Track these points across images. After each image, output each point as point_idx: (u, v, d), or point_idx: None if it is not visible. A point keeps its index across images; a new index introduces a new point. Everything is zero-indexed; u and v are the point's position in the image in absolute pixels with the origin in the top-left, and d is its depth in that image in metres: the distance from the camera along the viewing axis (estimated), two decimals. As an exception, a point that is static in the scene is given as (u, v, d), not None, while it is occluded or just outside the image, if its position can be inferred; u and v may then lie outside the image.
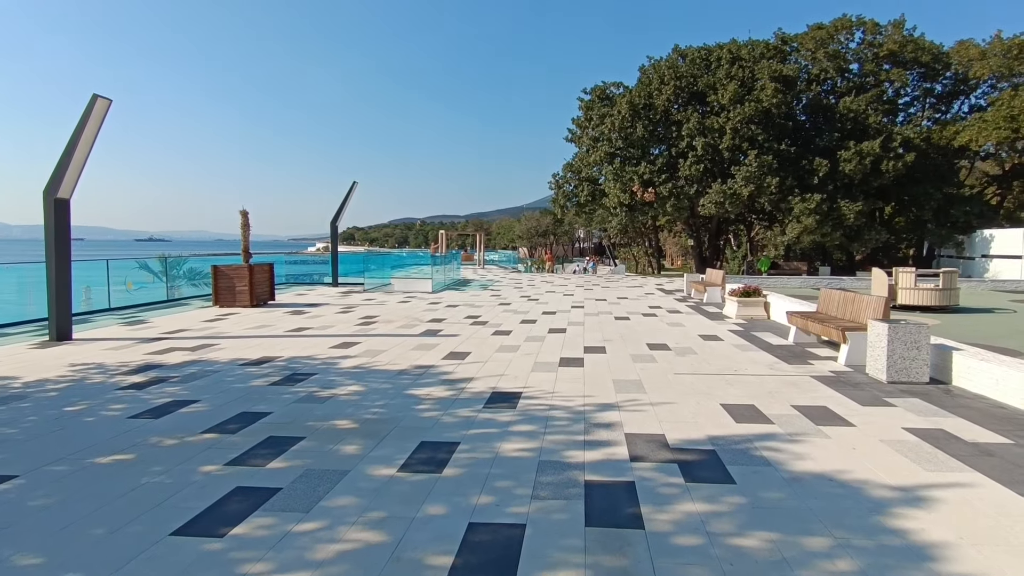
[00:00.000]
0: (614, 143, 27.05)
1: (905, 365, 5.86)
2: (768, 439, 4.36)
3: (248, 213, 14.67)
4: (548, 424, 4.79)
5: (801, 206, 23.14)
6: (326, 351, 8.13)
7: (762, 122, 24.54)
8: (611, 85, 28.95)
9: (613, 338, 9.26)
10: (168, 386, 6.15)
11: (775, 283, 18.64)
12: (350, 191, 21.38)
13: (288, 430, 4.67)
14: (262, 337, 9.35)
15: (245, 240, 14.68)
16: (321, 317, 11.95)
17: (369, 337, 9.37)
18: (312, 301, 15.29)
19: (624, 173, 26.25)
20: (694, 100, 26.68)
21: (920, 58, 27.72)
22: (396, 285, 21.15)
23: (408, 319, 11.67)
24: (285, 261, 30.18)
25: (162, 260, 21.71)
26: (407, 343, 8.81)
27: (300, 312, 12.84)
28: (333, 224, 21.40)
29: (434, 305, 14.39)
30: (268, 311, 13.08)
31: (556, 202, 30.99)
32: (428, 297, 16.58)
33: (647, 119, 26.32)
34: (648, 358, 7.61)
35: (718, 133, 24.79)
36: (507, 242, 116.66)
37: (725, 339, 9.13)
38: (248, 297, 14.04)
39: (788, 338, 8.83)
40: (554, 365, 7.18)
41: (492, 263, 47.87)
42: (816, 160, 23.92)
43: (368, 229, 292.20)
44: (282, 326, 10.63)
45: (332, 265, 21.49)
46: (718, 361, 7.40)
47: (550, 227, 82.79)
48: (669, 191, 25.43)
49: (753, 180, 23.49)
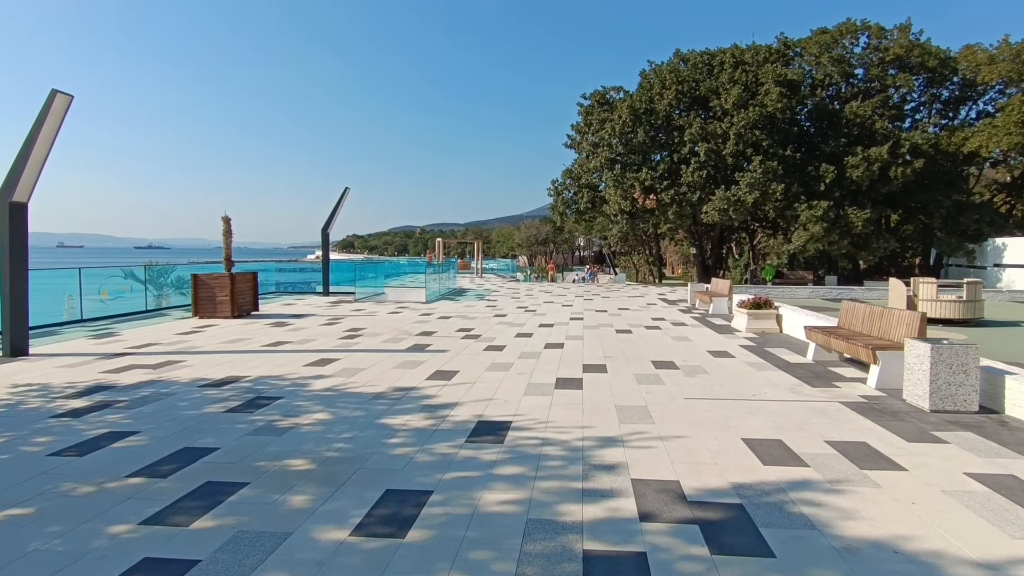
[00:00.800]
0: (614, 149, 26.41)
1: (951, 391, 5.12)
2: (805, 488, 3.62)
3: (231, 219, 14.00)
4: (540, 465, 4.05)
5: (808, 213, 22.44)
6: (299, 369, 7.38)
7: (766, 127, 23.90)
8: (611, 90, 28.36)
9: (615, 354, 8.52)
10: (111, 413, 5.41)
11: (782, 293, 17.92)
12: (342, 197, 20.71)
13: (231, 472, 3.93)
14: (235, 353, 8.61)
15: (227, 248, 13.99)
16: (304, 330, 11.21)
17: (350, 353, 8.62)
18: (298, 311, 14.56)
19: (625, 179, 25.59)
20: (696, 105, 26.07)
21: (927, 63, 27.14)
22: (389, 295, 20.46)
23: (396, 332, 10.93)
24: (277, 269, 29.52)
25: (149, 268, 21.03)
26: (390, 360, 8.07)
27: (283, 324, 12.10)
28: (324, 231, 20.70)
29: (426, 316, 13.65)
30: (249, 323, 12.34)
31: (555, 209, 30.31)
32: (421, 308, 15.85)
33: (648, 124, 25.69)
34: (654, 379, 6.87)
35: (721, 138, 24.15)
36: (507, 250, 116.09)
37: (737, 356, 8.38)
38: (229, 308, 13.32)
39: (807, 355, 8.08)
40: (549, 387, 6.44)
41: (491, 271, 47.16)
42: (822, 166, 23.25)
43: (368, 237, 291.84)
44: (260, 340, 9.89)
45: (323, 274, 20.76)
46: (732, 383, 6.66)
47: (550, 235, 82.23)
48: (671, 198, 24.76)
49: (758, 187, 22.82)
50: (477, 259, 38.02)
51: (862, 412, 5.33)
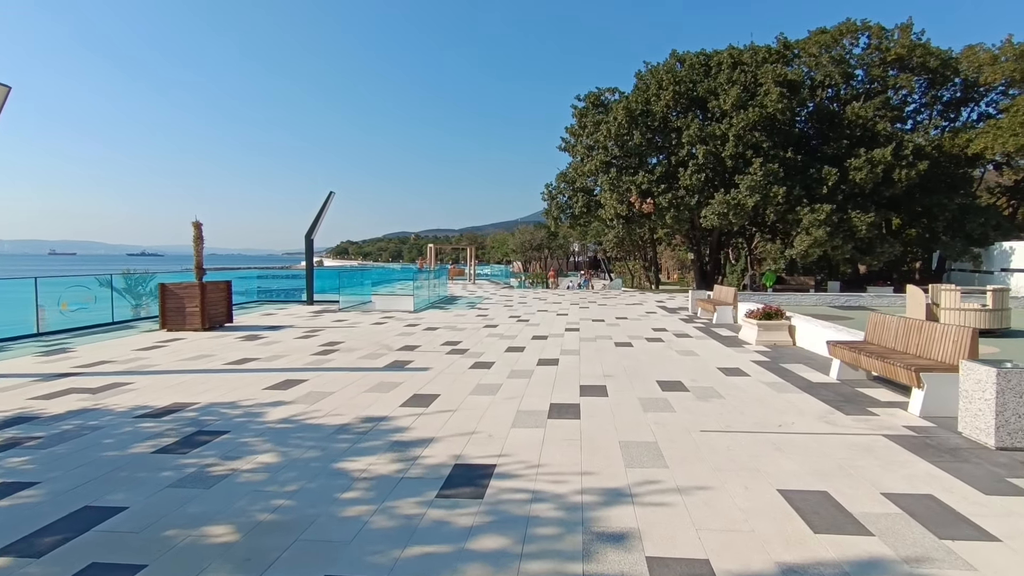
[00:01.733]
0: (610, 151, 25.64)
1: (1022, 425, 4.28)
2: (879, 573, 2.75)
3: (201, 225, 13.07)
4: (528, 534, 3.17)
5: (810, 217, 21.70)
6: (257, 394, 6.48)
7: (767, 129, 23.18)
8: (606, 91, 27.61)
9: (615, 372, 7.66)
10: (16, 454, 4.50)
11: (787, 301, 17.12)
12: (326, 202, 19.84)
13: (127, 549, 3.03)
14: (191, 373, 7.69)
15: (197, 255, 13.05)
16: (276, 344, 10.30)
17: (321, 373, 7.73)
18: (276, 323, 13.64)
19: (621, 183, 24.81)
20: (694, 106, 25.35)
21: (928, 63, 26.54)
22: (377, 303, 19.56)
23: (376, 346, 10.03)
24: (258, 276, 28.49)
25: (127, 276, 20.06)
26: (364, 381, 7.17)
27: (255, 337, 11.18)
28: (308, 238, 19.79)
29: (411, 327, 12.76)
30: (219, 336, 11.42)
31: (549, 213, 29.48)
32: (407, 317, 14.96)
33: (645, 126, 24.94)
34: (662, 404, 6.01)
35: (720, 140, 23.41)
36: (501, 256, 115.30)
37: (752, 374, 7.53)
38: (199, 319, 12.40)
39: (830, 374, 7.24)
40: (542, 416, 5.56)
41: (484, 277, 46.30)
42: (824, 169, 22.54)
43: (362, 243, 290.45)
44: (225, 356, 8.97)
45: (307, 282, 19.84)
46: (752, 409, 5.80)
47: (544, 241, 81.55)
48: (669, 201, 23.99)
49: (758, 190, 22.07)
50: (470, 265, 37.15)
51: (914, 450, 4.48)
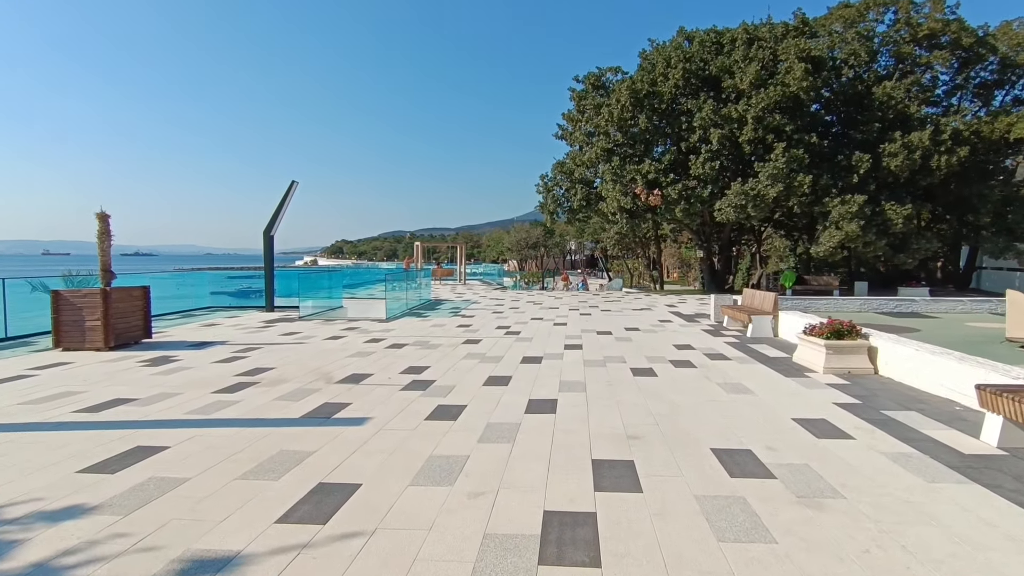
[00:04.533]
0: (612, 138, 23.03)
1: None
2: None
3: (108, 217, 10.44)
4: None
5: (841, 209, 19.15)
6: (52, 485, 3.87)
7: (789, 110, 20.63)
8: (608, 71, 24.94)
9: (643, 431, 5.07)
10: None
11: (826, 306, 14.60)
12: (287, 193, 17.22)
13: None
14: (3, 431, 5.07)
15: (103, 254, 10.42)
16: (183, 372, 7.69)
17: (199, 431, 5.12)
18: (209, 338, 11.02)
19: (624, 172, 22.23)
20: (707, 86, 22.76)
21: (961, 41, 24.02)
22: (349, 308, 16.99)
23: (312, 375, 7.44)
24: (229, 277, 25.87)
25: (67, 279, 17.43)
26: (253, 450, 4.57)
27: (165, 360, 8.57)
28: (267, 234, 17.14)
29: (373, 344, 10.17)
30: (119, 359, 8.80)
31: (545, 208, 26.82)
32: (375, 329, 12.37)
33: (651, 109, 22.35)
34: (742, 517, 3.41)
35: (737, 123, 20.83)
36: (496, 255, 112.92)
37: (855, 434, 4.94)
38: (102, 335, 9.79)
39: (983, 435, 4.66)
40: (530, 545, 2.96)
41: (476, 277, 43.68)
42: (855, 155, 19.98)
43: (357, 242, 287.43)
44: (93, 395, 6.37)
45: (266, 285, 17.21)
46: (906, 526, 3.22)
47: (540, 239, 79.07)
48: (679, 193, 21.40)
49: (781, 178, 19.51)
50: (460, 264, 34.54)
51: None
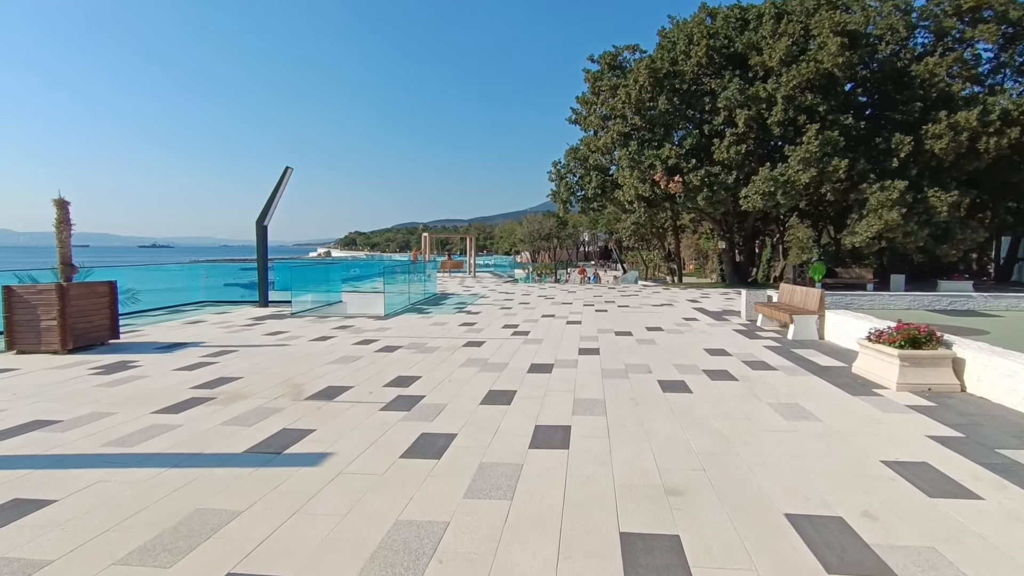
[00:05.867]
0: (629, 121, 21.57)
1: None
2: None
3: (68, 204, 9.34)
4: None
5: (880, 196, 17.58)
6: None
7: (822, 89, 19.03)
8: (625, 49, 23.39)
9: (685, 478, 3.80)
10: None
11: (869, 303, 13.17)
12: (281, 180, 16.06)
13: None
14: None
15: (63, 245, 9.33)
16: (129, 384, 6.57)
17: (107, 474, 3.94)
18: (184, 338, 9.93)
19: (643, 158, 20.78)
20: (732, 64, 21.19)
21: (1008, 14, 22.15)
22: (348, 303, 15.99)
23: (279, 389, 6.26)
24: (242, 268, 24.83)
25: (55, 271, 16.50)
26: (161, 508, 3.38)
27: (120, 368, 7.46)
28: (260, 224, 16.00)
29: (362, 346, 9.00)
30: (67, 366, 7.71)
31: (558, 196, 25.40)
32: (369, 327, 11.20)
33: (672, 89, 20.85)
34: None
35: (765, 104, 19.28)
36: (509, 246, 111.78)
37: (982, 492, 3.61)
38: (59, 336, 8.72)
39: None
40: None
41: (487, 269, 42.50)
42: (895, 137, 18.37)
43: (370, 234, 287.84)
44: (8, 416, 5.24)
45: (259, 279, 16.13)
46: None
47: (553, 230, 77.61)
48: (701, 179, 19.93)
49: (814, 163, 17.97)
50: (470, 256, 33.31)
51: None
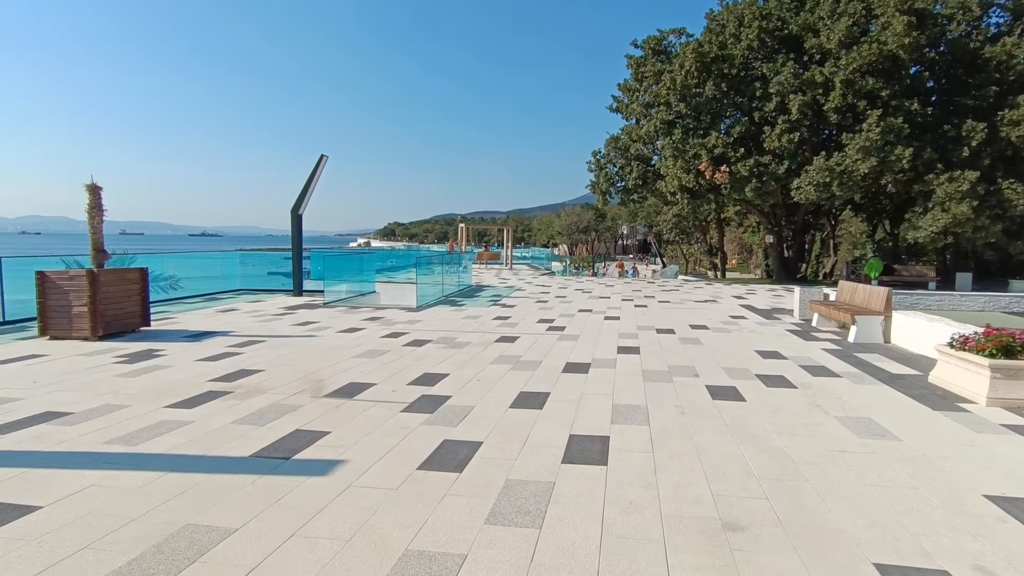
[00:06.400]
0: (674, 108, 20.64)
1: None
2: None
3: (100, 190, 9.26)
4: None
5: (948, 188, 16.25)
6: None
7: (885, 72, 17.71)
8: (670, 33, 22.38)
9: (745, 509, 3.22)
10: None
11: (937, 304, 12.12)
12: (316, 169, 15.93)
13: None
14: None
15: (95, 232, 9.27)
16: (150, 374, 6.37)
17: (103, 476, 3.63)
18: (213, 327, 9.81)
19: (687, 147, 19.84)
20: (786, 47, 20.00)
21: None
22: (381, 294, 15.82)
23: (299, 384, 5.94)
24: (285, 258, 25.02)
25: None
26: (149, 521, 3.01)
27: (145, 356, 7.32)
28: (295, 213, 15.93)
29: (390, 339, 8.66)
30: (94, 353, 7.61)
31: (597, 187, 24.59)
32: (400, 319, 10.89)
33: (720, 75, 19.81)
34: None
35: (821, 89, 18.09)
36: (547, 239, 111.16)
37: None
38: (89, 323, 8.66)
39: None
40: None
41: (524, 261, 42.04)
42: (966, 124, 16.94)
43: (409, 225, 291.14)
44: (9, 410, 5.06)
45: (294, 269, 16.08)
46: None
47: (591, 223, 76.51)
48: (750, 169, 18.89)
49: (874, 151, 16.75)
50: (507, 247, 32.87)
51: None
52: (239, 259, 23.63)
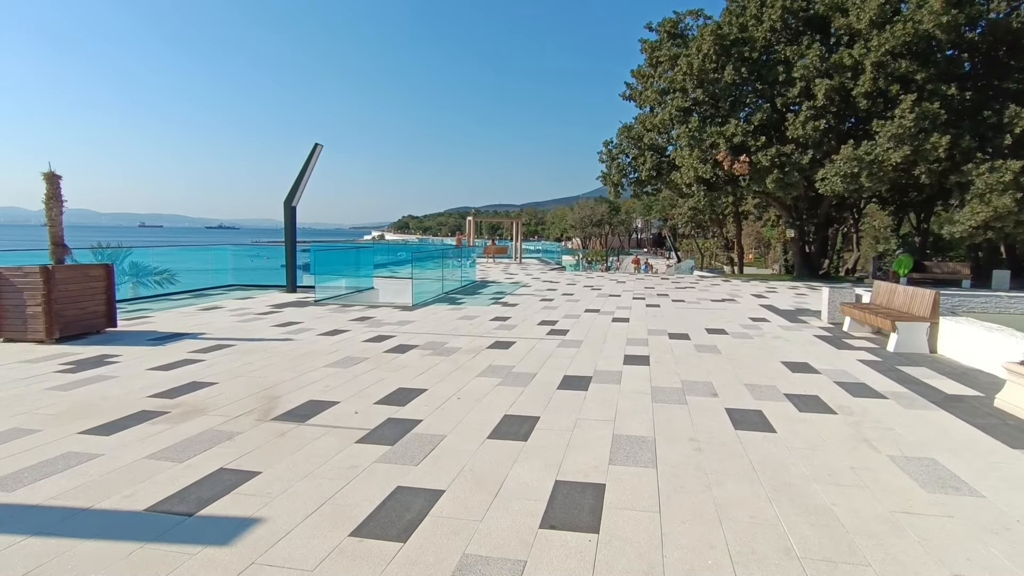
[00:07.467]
0: (690, 94, 19.48)
1: None
2: None
3: (59, 179, 8.51)
4: None
5: (989, 179, 14.96)
6: None
7: (920, 55, 16.41)
8: (687, 15, 21.14)
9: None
10: None
11: (981, 306, 11.00)
12: (310, 158, 15.12)
13: None
14: None
15: (53, 223, 8.53)
16: (86, 387, 5.58)
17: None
18: (186, 328, 9.02)
19: (705, 136, 18.71)
20: (811, 28, 18.73)
21: None
22: (380, 290, 15.15)
23: (250, 402, 5.10)
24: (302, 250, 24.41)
25: (96, 251, 16.37)
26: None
27: (93, 364, 6.54)
28: (288, 205, 15.14)
29: (373, 345, 7.81)
30: (40, 359, 6.85)
31: (609, 178, 23.49)
32: (390, 320, 10.04)
33: (740, 58, 18.60)
34: None
35: (851, 72, 16.82)
36: (560, 232, 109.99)
37: None
38: (44, 324, 7.92)
39: None
40: None
41: (534, 255, 41.07)
42: (1010, 109, 15.61)
43: (423, 218, 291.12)
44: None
45: (287, 263, 15.31)
46: None
47: (605, 216, 75.28)
48: (771, 159, 17.71)
49: (907, 139, 15.50)
50: (516, 241, 31.93)
51: None
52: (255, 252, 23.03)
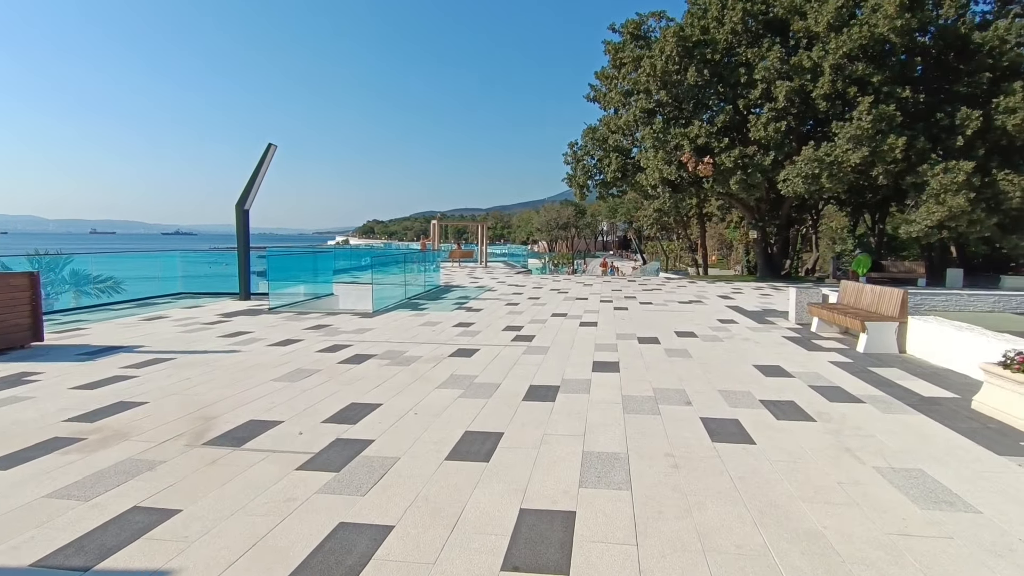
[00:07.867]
0: (654, 96, 19.47)
1: None
2: None
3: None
4: None
5: (943, 179, 15.32)
6: None
7: (876, 58, 16.74)
8: (650, 16, 21.18)
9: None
10: None
11: (943, 304, 11.12)
12: (263, 159, 14.39)
13: None
14: None
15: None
16: (10, 405, 4.92)
17: None
18: (122, 341, 8.31)
19: (669, 137, 18.70)
20: (771, 31, 18.94)
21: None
22: (340, 296, 14.50)
23: (180, 425, 4.55)
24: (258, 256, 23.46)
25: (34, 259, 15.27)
26: None
27: (11, 383, 5.82)
28: (240, 208, 14.37)
29: (327, 355, 7.29)
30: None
31: (574, 180, 23.34)
32: (348, 328, 9.50)
33: (702, 60, 18.68)
34: None
35: (810, 75, 17.05)
36: (526, 235, 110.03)
37: None
38: (-48, 341, 7.16)
39: None
40: None
41: (500, 259, 40.80)
42: (961, 112, 16.03)
43: (388, 222, 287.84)
44: None
45: (239, 270, 14.55)
46: None
47: (571, 219, 75.59)
48: (735, 160, 17.80)
49: (865, 141, 15.76)
50: (481, 244, 31.52)
51: None
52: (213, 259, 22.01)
